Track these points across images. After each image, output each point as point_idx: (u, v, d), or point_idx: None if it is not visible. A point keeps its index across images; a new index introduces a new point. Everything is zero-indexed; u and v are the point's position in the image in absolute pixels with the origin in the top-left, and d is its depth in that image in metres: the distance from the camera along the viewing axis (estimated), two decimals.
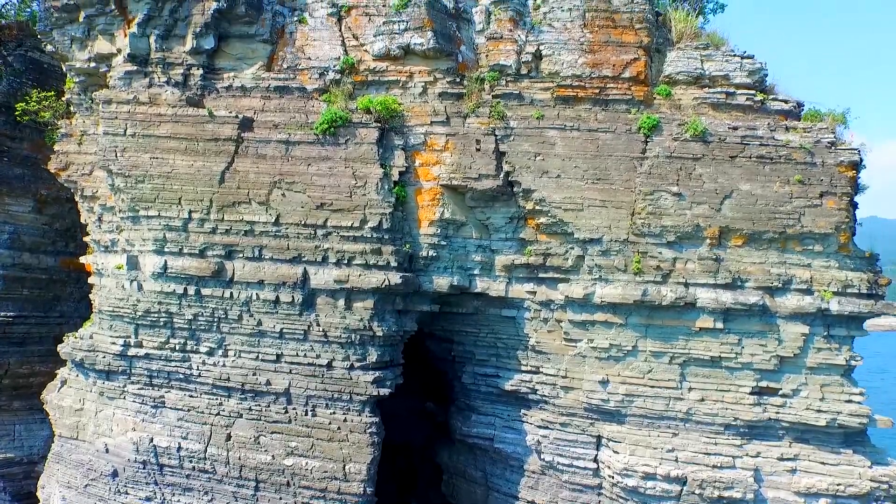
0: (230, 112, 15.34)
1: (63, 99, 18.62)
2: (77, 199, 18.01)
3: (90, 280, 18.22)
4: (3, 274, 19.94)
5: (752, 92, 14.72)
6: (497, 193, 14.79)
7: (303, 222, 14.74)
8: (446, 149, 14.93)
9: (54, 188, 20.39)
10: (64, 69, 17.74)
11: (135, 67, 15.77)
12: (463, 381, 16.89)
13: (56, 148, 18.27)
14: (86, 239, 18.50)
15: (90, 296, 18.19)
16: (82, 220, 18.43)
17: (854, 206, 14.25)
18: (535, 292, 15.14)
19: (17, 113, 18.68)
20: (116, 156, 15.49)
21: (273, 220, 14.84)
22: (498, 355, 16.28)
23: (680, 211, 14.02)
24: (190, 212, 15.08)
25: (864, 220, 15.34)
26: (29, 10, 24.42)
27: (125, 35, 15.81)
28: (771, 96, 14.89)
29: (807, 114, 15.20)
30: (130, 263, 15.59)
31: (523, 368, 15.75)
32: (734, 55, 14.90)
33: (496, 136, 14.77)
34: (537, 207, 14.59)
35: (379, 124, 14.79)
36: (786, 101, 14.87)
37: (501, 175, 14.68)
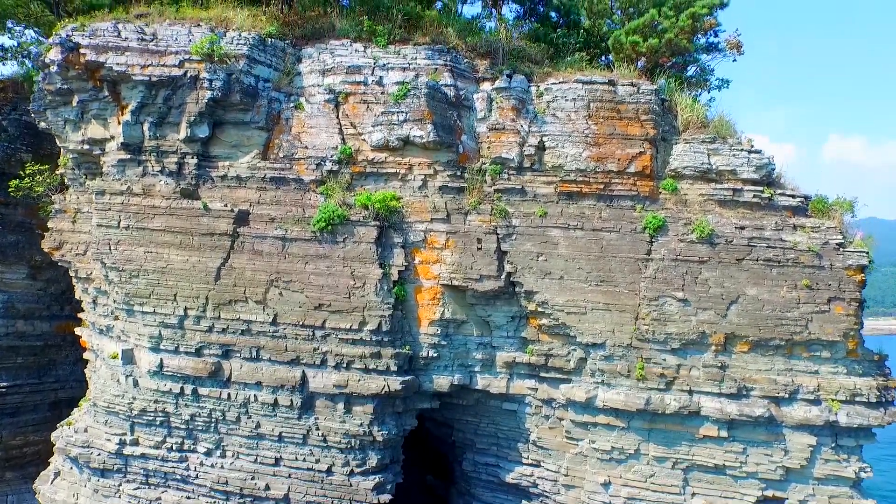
0: (225, 204, 15.02)
1: (57, 172, 18.25)
2: (72, 278, 17.74)
3: (85, 356, 18.02)
4: None
5: (760, 188, 14.36)
6: (498, 293, 14.51)
7: (301, 323, 14.47)
8: (447, 246, 14.61)
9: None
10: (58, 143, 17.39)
11: (128, 156, 15.40)
12: (463, 466, 16.72)
13: (49, 225, 17.98)
14: (80, 315, 18.27)
15: (85, 371, 18.02)
16: (77, 296, 18.20)
17: (862, 308, 13.99)
18: (537, 389, 14.92)
19: (10, 190, 18.31)
20: (110, 249, 15.20)
21: (270, 320, 14.58)
22: (498, 445, 16.08)
23: (685, 317, 13.74)
24: (185, 309, 14.80)
25: (863, 222, 15.08)
26: (26, 54, 23.55)
27: (118, 122, 15.43)
28: (778, 191, 14.53)
29: (814, 202, 14.84)
30: (126, 357, 15.35)
31: (524, 461, 15.57)
32: (741, 149, 14.52)
33: (498, 234, 14.46)
34: (539, 309, 14.32)
35: (377, 222, 14.47)
36: (793, 196, 14.51)
37: (503, 276, 14.39)
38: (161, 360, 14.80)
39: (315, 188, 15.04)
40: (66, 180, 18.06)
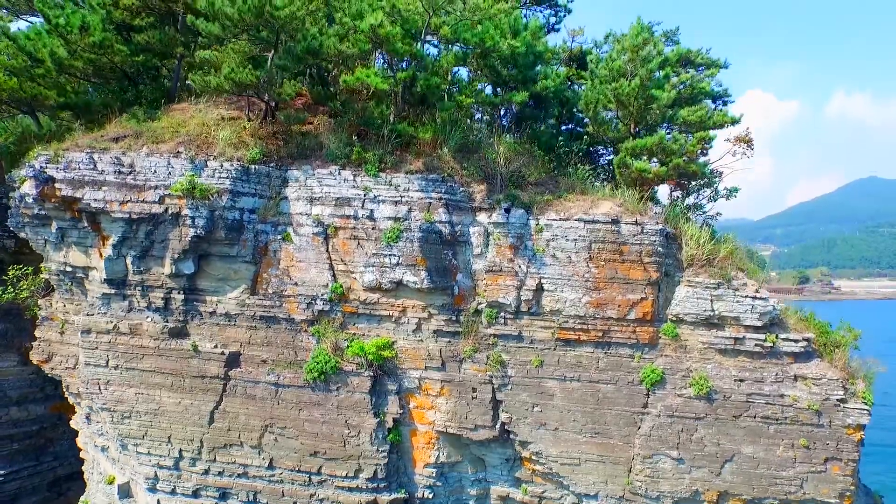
0: (215, 345, 14.68)
1: (41, 276, 17.69)
2: (65, 391, 17.56)
3: (81, 455, 18.12)
4: None
5: (762, 336, 14.01)
6: (493, 439, 14.44)
7: (297, 468, 14.46)
8: (441, 394, 14.40)
9: None
10: None
11: (112, 290, 14.90)
12: None
13: (37, 334, 17.60)
14: (74, 417, 18.21)
15: (83, 469, 18.16)
16: (71, 402, 18.07)
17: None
18: None
19: None
20: (100, 389, 14.95)
21: (267, 465, 14.56)
22: None
23: (678, 475, 13.75)
24: (181, 451, 14.75)
25: (864, 181, 14.84)
26: None
27: (100, 255, 14.81)
28: (781, 336, 14.18)
29: (818, 335, 14.57)
30: (122, 492, 15.44)
31: None
32: (745, 296, 14.05)
33: (493, 384, 14.22)
34: (533, 458, 14.29)
35: (371, 372, 14.19)
36: (795, 341, 14.18)
37: (498, 425, 14.27)
38: (158, 501, 14.87)
39: (306, 328, 14.65)
40: (51, 282, 17.56)
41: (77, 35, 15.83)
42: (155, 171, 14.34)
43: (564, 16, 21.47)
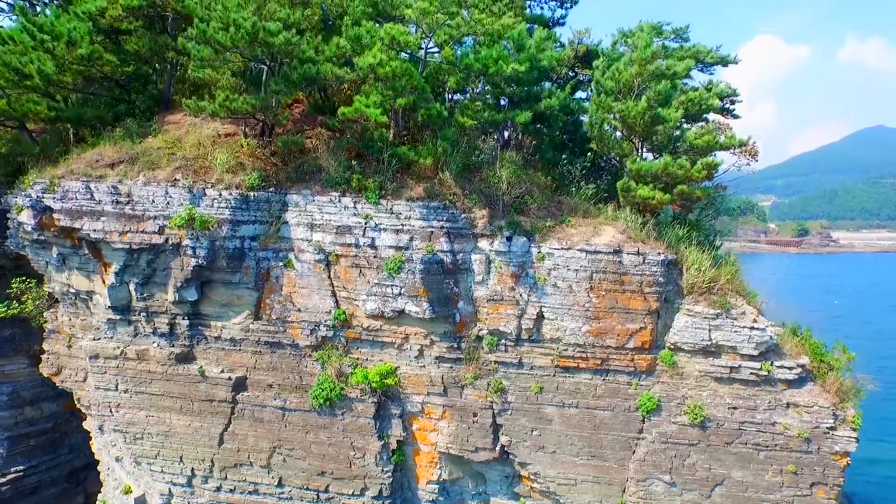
0: (222, 370, 14.98)
1: (45, 288, 17.78)
2: (76, 403, 18.00)
3: (96, 456, 18.80)
4: (7, 436, 20.40)
5: (757, 365, 14.29)
6: (493, 459, 14.97)
7: (305, 486, 15.08)
8: (443, 417, 14.81)
9: None
10: None
11: (118, 316, 15.07)
12: None
13: (45, 347, 17.86)
14: (86, 421, 18.77)
15: (98, 468, 18.90)
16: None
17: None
18: None
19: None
20: (111, 411, 15.37)
21: (276, 483, 15.17)
22: None
23: (670, 497, 14.35)
24: (193, 469, 15.32)
25: (871, 130, 15.04)
26: None
27: (103, 282, 14.89)
28: (777, 363, 14.46)
29: (813, 354, 14.87)
30: (139, 503, 16.11)
31: None
32: (743, 326, 14.22)
33: (493, 409, 14.61)
34: (532, 477, 14.87)
35: (375, 398, 14.55)
36: (790, 368, 14.48)
37: (498, 447, 14.76)
38: None
39: (311, 353, 14.90)
40: (55, 295, 17.68)
41: (64, 49, 15.25)
42: (153, 201, 14.19)
43: (571, 7, 20.58)
